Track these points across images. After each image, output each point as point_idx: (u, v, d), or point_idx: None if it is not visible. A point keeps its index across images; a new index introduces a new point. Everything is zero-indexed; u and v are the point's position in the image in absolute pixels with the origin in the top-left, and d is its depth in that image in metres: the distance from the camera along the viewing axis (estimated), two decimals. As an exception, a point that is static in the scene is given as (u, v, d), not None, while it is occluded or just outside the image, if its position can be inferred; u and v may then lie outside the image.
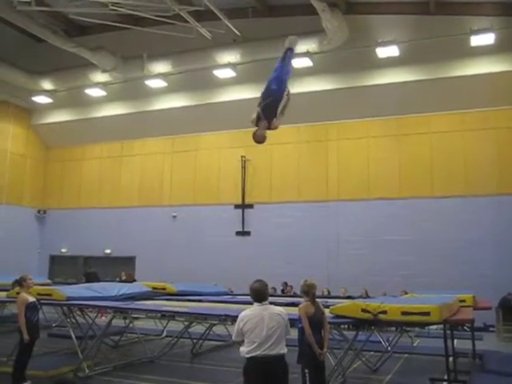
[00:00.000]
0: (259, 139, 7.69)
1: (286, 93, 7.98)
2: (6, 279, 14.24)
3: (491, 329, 15.89)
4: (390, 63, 18.02)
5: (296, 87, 19.40)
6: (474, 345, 10.52)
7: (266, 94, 7.77)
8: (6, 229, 22.52)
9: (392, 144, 19.49)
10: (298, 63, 18.59)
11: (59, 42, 19.02)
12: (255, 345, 5.13)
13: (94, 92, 22.29)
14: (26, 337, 7.89)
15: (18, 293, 8.91)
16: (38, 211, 25.30)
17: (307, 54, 18.16)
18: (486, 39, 16.27)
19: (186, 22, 17.25)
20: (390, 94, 18.41)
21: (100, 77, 21.41)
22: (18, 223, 23.66)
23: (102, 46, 20.04)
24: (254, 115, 7.66)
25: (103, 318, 14.74)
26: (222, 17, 17.14)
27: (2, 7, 16.66)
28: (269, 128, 7.71)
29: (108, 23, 18.91)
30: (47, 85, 22.73)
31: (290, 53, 8.26)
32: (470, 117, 18.45)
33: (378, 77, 18.58)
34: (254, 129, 7.67)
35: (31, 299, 8.33)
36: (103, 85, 21.88)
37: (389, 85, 18.34)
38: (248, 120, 7.75)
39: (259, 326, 5.19)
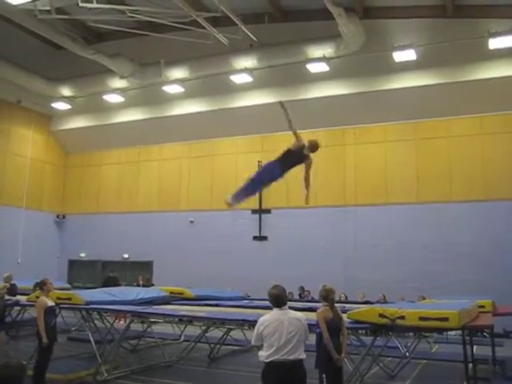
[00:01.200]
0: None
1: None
2: (26, 283, 14.49)
3: (511, 335, 15.68)
4: (407, 67, 17.93)
5: (313, 92, 19.68)
6: (493, 351, 10.38)
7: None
8: (26, 233, 22.83)
9: (409, 148, 19.38)
10: (315, 68, 18.66)
11: (78, 50, 19.24)
12: (274, 349, 5.13)
13: (112, 98, 22.50)
14: (45, 340, 7.97)
15: (37, 297, 9.03)
16: (57, 216, 25.57)
17: (324, 58, 18.17)
18: (505, 42, 16.08)
19: (203, 27, 17.35)
20: (407, 98, 18.33)
21: (118, 83, 21.62)
22: (38, 228, 23.91)
23: (119, 52, 20.26)
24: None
25: (121, 322, 14.85)
26: (238, 22, 17.21)
27: (23, 16, 16.91)
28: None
29: (126, 30, 19.13)
30: (66, 91, 23.03)
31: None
32: (488, 120, 18.28)
33: (395, 81, 18.50)
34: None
35: (50, 303, 8.41)
36: (121, 91, 22.09)
37: (406, 89, 18.25)
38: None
39: (278, 331, 5.19)
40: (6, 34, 20.38)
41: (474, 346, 8.90)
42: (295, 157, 8.62)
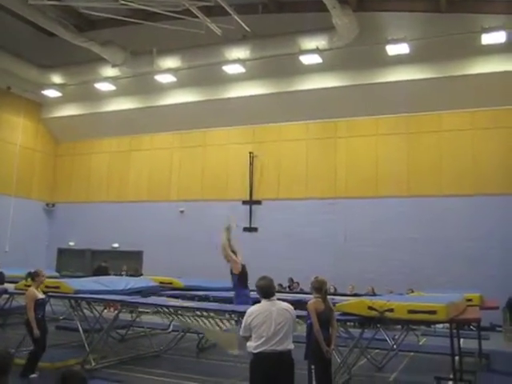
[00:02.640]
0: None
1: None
2: (15, 271, 14.43)
3: (498, 329, 15.83)
4: (400, 61, 17.95)
5: (306, 84, 19.65)
6: (480, 344, 10.46)
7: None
8: (15, 221, 22.72)
9: (401, 142, 19.44)
10: (308, 60, 18.61)
11: (70, 37, 19.09)
12: (263, 340, 5.14)
13: (104, 86, 22.35)
14: (36, 331, 7.98)
15: (26, 285, 9.00)
16: (47, 204, 25.45)
17: (317, 50, 18.14)
18: (498, 37, 16.15)
19: (196, 17, 17.24)
20: (399, 91, 18.35)
21: (110, 71, 21.49)
22: (27, 216, 23.80)
23: (112, 40, 20.12)
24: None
25: (110, 311, 14.82)
26: (231, 12, 17.12)
27: (14, 2, 16.73)
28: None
29: (118, 18, 18.96)
30: (57, 79, 22.84)
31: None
32: (480, 115, 18.36)
33: (387, 74, 18.52)
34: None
35: (40, 296, 8.41)
36: (113, 79, 21.94)
37: (398, 82, 18.28)
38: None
39: (267, 322, 5.20)
40: (-3, 19, 20.19)
41: (461, 339, 8.97)
42: None
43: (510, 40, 16.19)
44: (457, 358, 8.36)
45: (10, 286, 12.04)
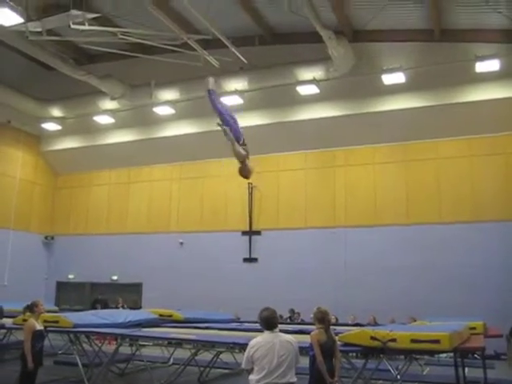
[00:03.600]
0: (249, 174, 8.64)
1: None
2: (13, 306, 14.25)
3: (503, 357, 15.63)
4: (396, 90, 18.11)
5: (303, 114, 19.81)
6: (485, 373, 10.30)
7: (236, 135, 8.78)
8: (13, 254, 22.54)
9: (399, 170, 19.51)
10: (305, 90, 18.80)
11: (68, 70, 19.27)
12: (265, 372, 5.07)
13: (103, 119, 22.50)
14: (30, 365, 7.80)
15: (24, 320, 8.88)
16: (46, 237, 25.33)
17: (314, 81, 18.32)
18: (491, 65, 16.33)
19: (194, 50, 17.46)
20: (396, 120, 18.50)
21: (108, 104, 21.66)
22: (25, 249, 23.61)
23: (110, 73, 20.31)
24: (243, 152, 8.16)
25: (110, 345, 14.64)
26: (229, 45, 17.33)
27: (14, 37, 16.96)
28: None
29: (117, 52, 19.18)
30: (56, 112, 23.00)
31: (210, 95, 9.27)
32: (476, 142, 18.46)
33: (384, 103, 18.69)
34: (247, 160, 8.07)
35: (38, 327, 8.27)
36: (112, 112, 22.10)
37: (395, 111, 18.44)
38: (243, 155, 8.53)
39: (270, 354, 5.14)
40: (-4, 53, 20.44)
41: (466, 368, 8.86)
42: None
43: (504, 67, 16.40)
44: (462, 387, 8.25)
45: (8, 321, 11.91)
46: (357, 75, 18.31)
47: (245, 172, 8.26)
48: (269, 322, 5.39)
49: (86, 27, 16.00)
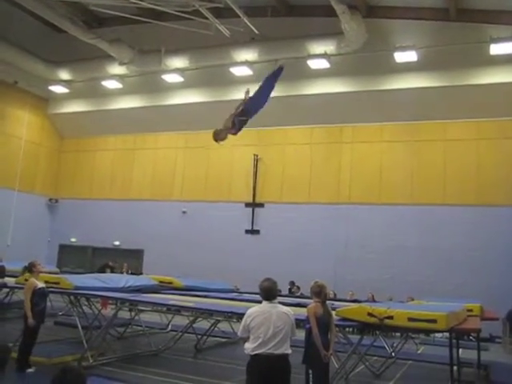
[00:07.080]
0: (218, 140, 8.82)
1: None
2: (15, 265, 14.38)
3: (497, 340, 15.78)
4: (408, 68, 17.94)
5: (312, 88, 19.64)
6: (479, 355, 10.42)
7: (248, 111, 8.62)
8: (17, 216, 22.69)
9: (406, 149, 19.41)
10: (316, 64, 18.61)
11: (78, 33, 19.10)
12: (260, 341, 5.13)
13: (111, 84, 22.40)
14: (30, 320, 7.94)
15: (26, 279, 8.99)
16: (50, 200, 25.46)
17: (325, 55, 18.13)
18: (506, 48, 16.12)
19: (205, 18, 17.26)
20: (406, 99, 18.33)
21: (117, 69, 21.47)
22: (29, 211, 23.80)
23: (120, 38, 20.11)
24: (230, 124, 8.24)
25: (109, 309, 14.80)
26: (241, 15, 17.13)
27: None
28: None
29: (127, 16, 18.98)
30: (64, 75, 22.86)
31: (278, 73, 9.08)
32: (485, 126, 18.33)
33: (394, 81, 18.51)
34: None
35: (40, 285, 8.38)
36: (120, 77, 21.98)
37: (405, 90, 18.26)
38: (225, 126, 8.80)
39: (266, 324, 5.19)
40: (6, 13, 20.24)
41: (460, 349, 8.94)
42: None
43: (519, 51, 16.16)
44: (455, 368, 8.32)
45: (10, 280, 12.04)
46: (368, 51, 18.07)
47: (217, 136, 8.86)
48: (268, 292, 5.42)
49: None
